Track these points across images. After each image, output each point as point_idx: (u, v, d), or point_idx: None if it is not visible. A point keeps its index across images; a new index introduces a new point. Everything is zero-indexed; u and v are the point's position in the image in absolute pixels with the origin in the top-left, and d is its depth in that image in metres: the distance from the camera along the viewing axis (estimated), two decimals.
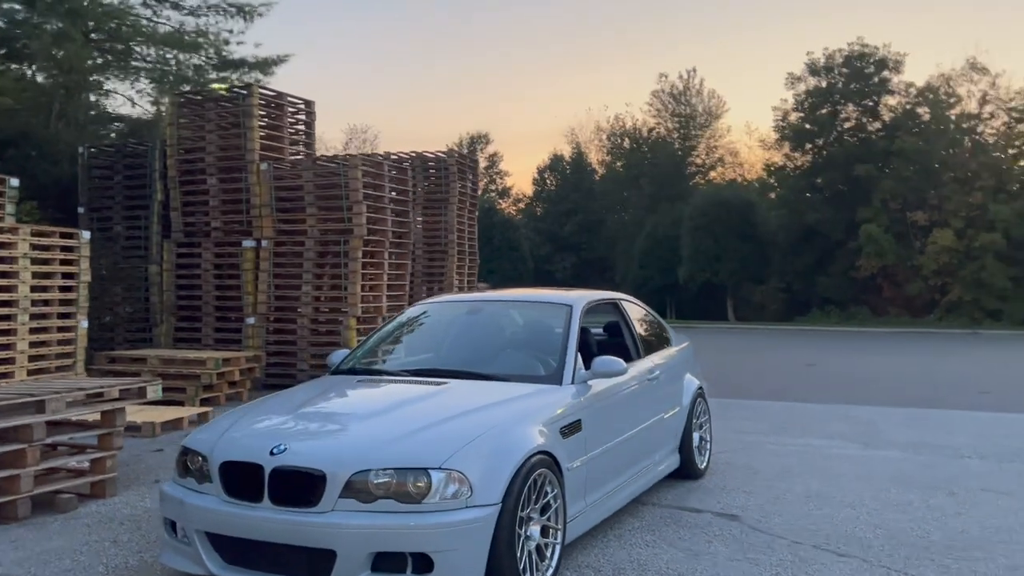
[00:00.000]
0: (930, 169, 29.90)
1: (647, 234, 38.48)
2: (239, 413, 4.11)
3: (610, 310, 5.61)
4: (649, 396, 5.25)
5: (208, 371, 9.48)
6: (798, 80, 34.13)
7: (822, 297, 32.40)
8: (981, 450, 7.14)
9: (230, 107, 11.47)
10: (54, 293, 9.10)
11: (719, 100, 45.28)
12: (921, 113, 31.76)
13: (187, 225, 11.69)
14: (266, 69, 19.63)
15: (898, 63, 32.43)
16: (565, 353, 4.48)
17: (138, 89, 18.91)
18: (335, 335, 10.91)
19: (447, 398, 4.04)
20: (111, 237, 12.13)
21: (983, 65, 31.11)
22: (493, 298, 5.65)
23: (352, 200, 10.74)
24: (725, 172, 44.99)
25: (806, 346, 20.69)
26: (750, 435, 7.85)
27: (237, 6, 19.40)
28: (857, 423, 8.57)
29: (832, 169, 32.80)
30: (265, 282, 11.13)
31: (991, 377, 13.62)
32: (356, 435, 3.61)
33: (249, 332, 11.12)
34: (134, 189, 12.22)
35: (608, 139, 47.71)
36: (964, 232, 28.63)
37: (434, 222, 14.62)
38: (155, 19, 18.94)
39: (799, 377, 13.74)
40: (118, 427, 5.72)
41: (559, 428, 3.99)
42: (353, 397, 4.33)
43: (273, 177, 11.09)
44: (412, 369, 4.66)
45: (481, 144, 52.32)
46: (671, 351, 5.99)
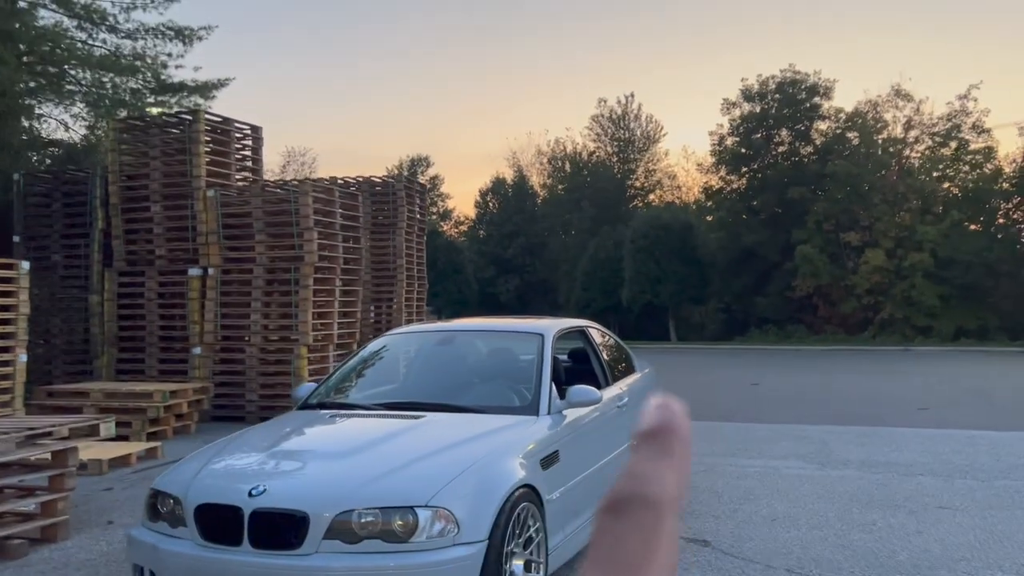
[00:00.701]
0: (861, 191, 30.89)
1: (589, 256, 38.84)
2: (210, 452, 3.99)
3: (577, 337, 5.62)
4: (618, 424, 5.26)
5: (155, 404, 9.20)
6: (733, 105, 35.00)
7: (760, 317, 33.09)
8: (931, 467, 7.35)
9: (175, 133, 11.23)
10: None
11: (657, 124, 46.16)
12: (851, 137, 32.85)
13: (130, 253, 11.36)
14: (206, 93, 19.30)
15: (828, 89, 33.53)
16: (540, 383, 4.47)
17: (73, 113, 18.39)
18: (285, 364, 10.71)
19: (426, 432, 3.99)
20: (48, 266, 11.72)
21: (907, 92, 32.39)
22: (463, 328, 5.62)
23: (303, 226, 10.59)
24: (664, 195, 45.78)
25: (748, 365, 21.07)
26: (708, 457, 7.93)
27: (176, 29, 19.05)
28: (809, 443, 8.74)
29: (768, 192, 33.65)
30: (212, 311, 10.87)
31: (927, 393, 14.07)
32: (337, 473, 3.53)
33: (196, 363, 10.84)
34: (73, 217, 11.84)
35: (549, 162, 48.16)
36: (894, 252, 29.61)
37: (382, 247, 14.51)
38: (90, 42, 18.48)
39: (745, 397, 13.97)
40: (70, 467, 5.50)
41: (539, 460, 3.98)
42: (329, 433, 4.24)
43: (220, 204, 10.88)
44: (386, 402, 4.59)
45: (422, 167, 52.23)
46: (636, 377, 6.03)
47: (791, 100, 33.58)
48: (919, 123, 32.47)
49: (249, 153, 12.07)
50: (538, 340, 4.83)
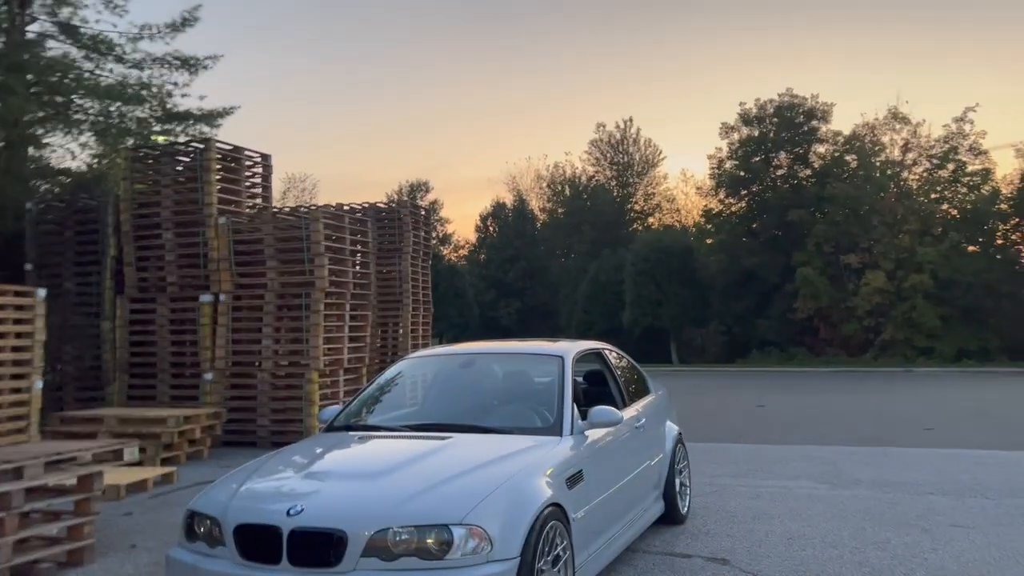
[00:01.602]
0: (860, 213, 31.13)
1: (590, 279, 39.02)
2: (244, 474, 4.07)
3: (593, 359, 5.73)
4: (637, 444, 5.36)
5: (169, 429, 9.27)
6: (732, 129, 35.34)
7: (762, 339, 33.19)
8: (941, 486, 7.42)
9: (187, 161, 11.39)
10: (7, 354, 8.83)
11: (655, 148, 46.60)
12: (849, 160, 33.15)
13: (141, 280, 11.48)
14: (212, 121, 19.41)
15: (826, 113, 33.89)
16: (562, 404, 4.57)
17: (80, 142, 18.55)
18: (296, 389, 10.79)
19: (455, 453, 4.08)
20: (60, 294, 11.82)
21: (904, 115, 32.77)
22: (483, 350, 5.71)
23: (313, 252, 10.72)
24: (663, 218, 46.08)
25: (751, 387, 21.14)
26: (719, 478, 8.01)
27: (182, 59, 19.24)
28: (819, 463, 8.82)
29: (767, 214, 33.91)
30: (223, 337, 10.97)
31: (931, 413, 14.15)
32: (373, 493, 3.62)
33: (207, 388, 10.91)
34: (85, 244, 11.97)
35: (549, 187, 48.51)
36: (894, 274, 29.79)
37: (388, 272, 14.63)
38: (98, 72, 18.69)
39: (752, 419, 14.04)
40: (95, 491, 5.57)
41: (564, 479, 4.07)
42: (360, 454, 4.33)
43: (231, 231, 11.01)
44: (412, 424, 4.69)
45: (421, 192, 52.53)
46: (651, 398, 6.13)
47: (789, 124, 33.93)
48: (916, 145, 32.82)
49: (259, 180, 12.23)
50: (558, 362, 4.93)
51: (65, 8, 18.16)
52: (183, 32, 19.29)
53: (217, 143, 11.48)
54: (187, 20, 19.26)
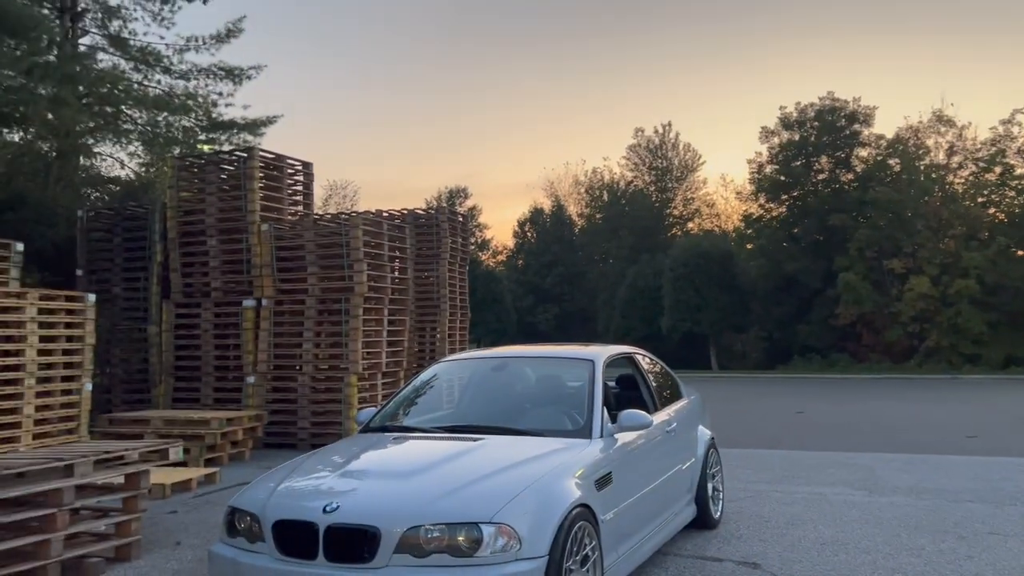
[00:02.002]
0: (903, 218, 30.62)
1: (628, 285, 38.89)
2: (282, 472, 4.22)
3: (625, 363, 5.79)
4: (667, 448, 5.40)
5: (212, 431, 9.51)
6: (772, 134, 35.00)
7: (803, 345, 32.79)
8: (980, 494, 7.34)
9: (231, 169, 11.68)
10: (58, 356, 9.14)
11: (694, 153, 46.33)
12: (892, 164, 32.63)
13: (187, 286, 11.79)
14: (255, 130, 19.93)
15: (868, 116, 33.41)
16: (592, 407, 4.65)
17: (129, 151, 19.10)
18: (335, 392, 10.99)
19: (486, 453, 4.18)
20: (109, 299, 12.18)
21: (949, 117, 32.17)
22: (515, 354, 5.81)
23: (353, 258, 10.92)
24: (702, 223, 45.76)
25: (791, 394, 20.92)
26: (755, 484, 8.00)
27: (226, 70, 19.77)
28: (856, 470, 8.75)
29: (808, 219, 33.50)
30: (265, 341, 11.21)
31: (975, 421, 13.90)
32: (406, 491, 3.73)
33: (249, 391, 11.17)
34: (133, 251, 12.32)
35: (587, 192, 48.47)
36: (939, 279, 29.23)
37: (425, 277, 14.81)
38: (146, 82, 19.25)
39: (790, 425, 13.93)
40: (142, 489, 5.77)
41: (593, 481, 4.14)
42: (395, 454, 4.46)
43: (274, 237, 11.26)
44: (445, 425, 4.80)
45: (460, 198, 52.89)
46: (684, 403, 6.16)
47: (830, 127, 33.51)
48: (962, 148, 32.19)
49: (300, 188, 12.48)
50: (589, 366, 5.01)
51: (115, 21, 18.79)
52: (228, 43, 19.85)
53: (260, 152, 11.75)
54: (232, 32, 19.79)
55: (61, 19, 17.23)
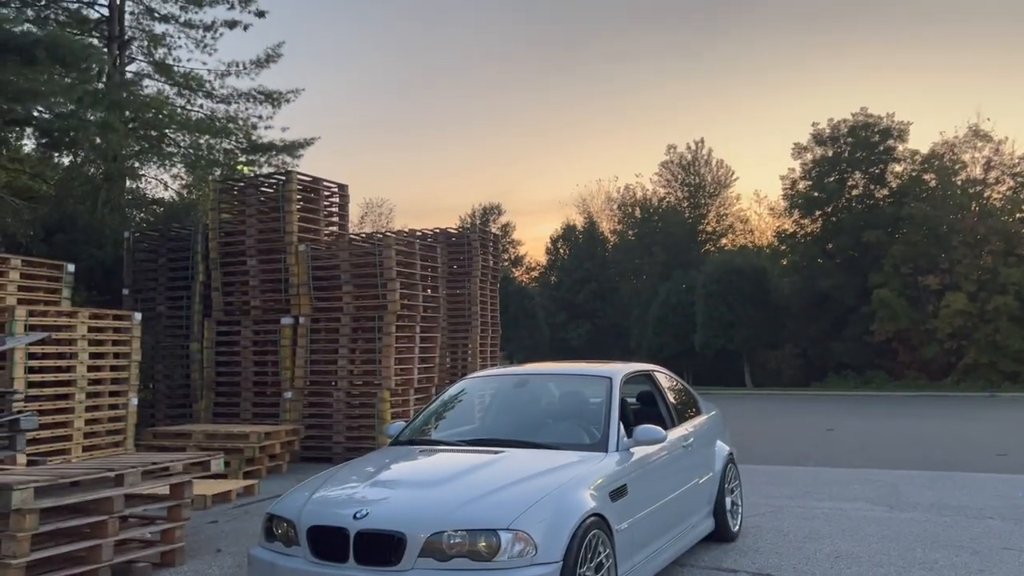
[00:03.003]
0: (939, 233, 30.38)
1: (661, 301, 38.94)
2: (316, 482, 4.51)
3: (644, 380, 6.01)
4: (684, 462, 5.61)
5: (251, 444, 9.86)
6: (805, 150, 34.98)
7: (838, 362, 32.57)
8: (1002, 511, 7.41)
9: (269, 192, 12.12)
10: (106, 372, 9.60)
11: (727, 169, 46.37)
12: (927, 179, 32.41)
13: (227, 304, 12.22)
14: (293, 152, 20.50)
15: (902, 132, 33.26)
16: (608, 422, 4.89)
17: (172, 174, 19.74)
18: (369, 407, 11.31)
19: (506, 465, 4.43)
20: (153, 317, 12.66)
21: (986, 132, 31.91)
22: (536, 371, 6.07)
23: (386, 277, 11.27)
24: (736, 239, 45.69)
25: (824, 411, 20.86)
26: (776, 499, 8.13)
27: (266, 93, 20.38)
28: (880, 486, 8.83)
29: (842, 235, 33.35)
30: (302, 357, 11.59)
31: (1009, 439, 13.82)
32: (430, 500, 4.00)
33: (287, 406, 11.54)
34: (176, 271, 12.80)
35: (619, 209, 48.68)
36: (977, 295, 28.92)
37: (457, 294, 15.12)
38: (189, 107, 19.93)
39: (819, 442, 13.97)
40: (186, 499, 6.11)
41: (608, 492, 4.37)
42: (420, 465, 4.74)
43: (310, 257, 11.66)
44: (468, 439, 5.07)
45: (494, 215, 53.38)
46: (702, 419, 6.36)
47: (864, 143, 33.40)
48: (999, 163, 31.88)
49: (336, 209, 12.88)
50: (606, 383, 5.24)
51: (160, 48, 19.50)
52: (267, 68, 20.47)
53: (298, 175, 12.18)
54: (271, 56, 20.43)
55: (109, 47, 17.95)
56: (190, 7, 19.54)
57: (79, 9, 18.46)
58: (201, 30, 19.86)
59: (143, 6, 19.27)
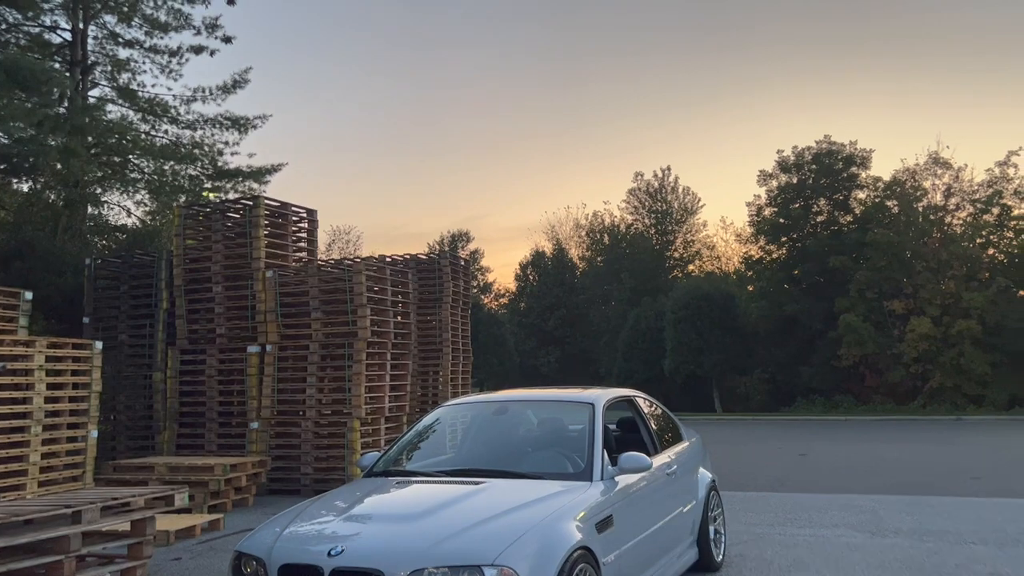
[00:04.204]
0: (903, 259, 30.77)
1: (630, 327, 38.94)
2: (287, 517, 4.29)
3: (625, 406, 5.87)
4: (668, 491, 5.46)
5: (216, 477, 9.54)
6: (770, 177, 35.33)
7: (806, 386, 32.70)
8: (983, 536, 7.35)
9: (236, 217, 11.87)
10: (65, 404, 9.24)
11: (694, 196, 46.73)
12: (890, 206, 32.87)
13: (192, 332, 11.90)
14: (260, 178, 20.24)
15: (865, 159, 33.76)
16: (592, 450, 4.73)
17: (136, 200, 19.38)
18: (339, 437, 11.03)
19: (488, 497, 4.25)
20: (115, 346, 12.30)
21: (945, 159, 32.50)
22: (515, 398, 5.90)
23: (356, 304, 11.06)
24: (703, 265, 45.98)
25: (795, 436, 20.85)
26: (757, 527, 8.01)
27: (232, 119, 20.14)
28: (859, 512, 8.75)
29: (808, 261, 33.65)
30: (269, 386, 11.30)
31: (980, 462, 13.87)
32: (409, 535, 3.80)
33: (253, 437, 11.22)
34: (139, 298, 12.47)
35: (588, 235, 48.81)
36: (940, 319, 29.28)
37: (428, 321, 14.91)
38: (153, 132, 19.62)
39: (794, 467, 13.90)
40: (148, 536, 5.83)
41: (594, 524, 4.20)
42: (397, 498, 4.53)
43: (278, 283, 11.41)
44: (447, 469, 4.87)
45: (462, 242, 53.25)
46: (684, 445, 6.23)
47: (828, 170, 33.84)
48: (959, 190, 32.44)
49: (304, 235, 12.66)
50: (589, 409, 5.09)
51: (124, 73, 19.21)
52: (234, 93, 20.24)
53: (265, 200, 11.95)
54: (238, 82, 20.21)
55: (72, 72, 17.63)
56: (155, 32, 19.31)
57: (41, 33, 18.13)
58: (166, 55, 19.63)
59: (107, 31, 19.01)
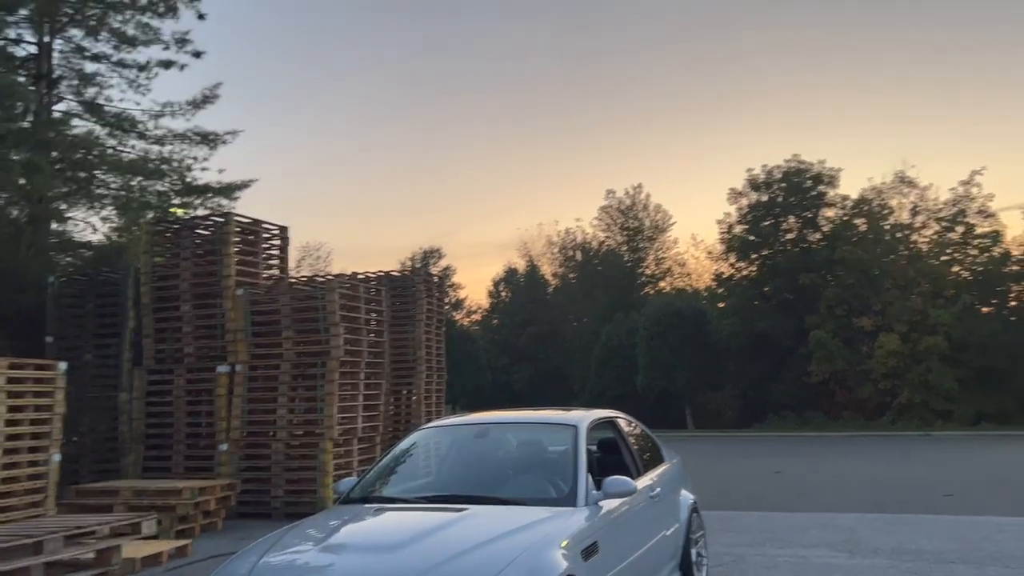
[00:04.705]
0: (871, 276, 31.15)
1: (603, 344, 38.97)
2: (261, 548, 4.12)
3: (607, 427, 5.77)
4: (652, 514, 5.36)
5: (184, 501, 9.28)
6: (740, 195, 35.68)
7: (777, 403, 32.90)
8: (962, 554, 7.33)
9: (206, 234, 11.64)
10: (26, 427, 8.94)
11: (665, 214, 47.03)
12: (858, 224, 33.32)
13: (159, 352, 11.62)
14: (230, 194, 19.89)
15: (833, 178, 34.21)
16: (576, 474, 4.62)
17: (102, 216, 18.98)
18: (310, 459, 10.80)
19: (470, 524, 4.12)
20: (79, 366, 11.95)
21: (911, 178, 33.04)
22: (495, 420, 5.77)
23: (329, 322, 10.87)
24: (674, 282, 46.22)
25: (768, 453, 20.90)
26: (736, 547, 7.94)
27: (202, 134, 19.81)
28: (837, 531, 8.72)
29: (778, 278, 33.96)
30: (239, 407, 11.04)
31: (951, 479, 13.95)
32: (389, 567, 3.65)
33: (222, 459, 10.95)
34: (105, 317, 12.17)
35: (560, 252, 48.88)
36: (908, 336, 29.64)
37: (402, 339, 14.72)
38: (120, 148, 19.24)
39: (769, 485, 13.89)
40: (113, 565, 5.61)
41: (580, 551, 4.09)
42: (376, 527, 4.37)
43: (249, 302, 11.19)
44: (427, 495, 4.73)
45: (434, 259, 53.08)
46: (666, 467, 6.14)
47: (797, 189, 34.25)
48: (925, 208, 32.96)
49: (276, 252, 12.45)
50: (572, 431, 4.99)
51: (91, 88, 18.84)
52: (204, 109, 19.93)
53: (236, 216, 11.74)
54: (208, 97, 19.91)
55: (37, 86, 17.27)
56: (123, 46, 18.97)
57: (5, 46, 17.73)
58: (135, 70, 19.26)
59: (73, 44, 18.64)
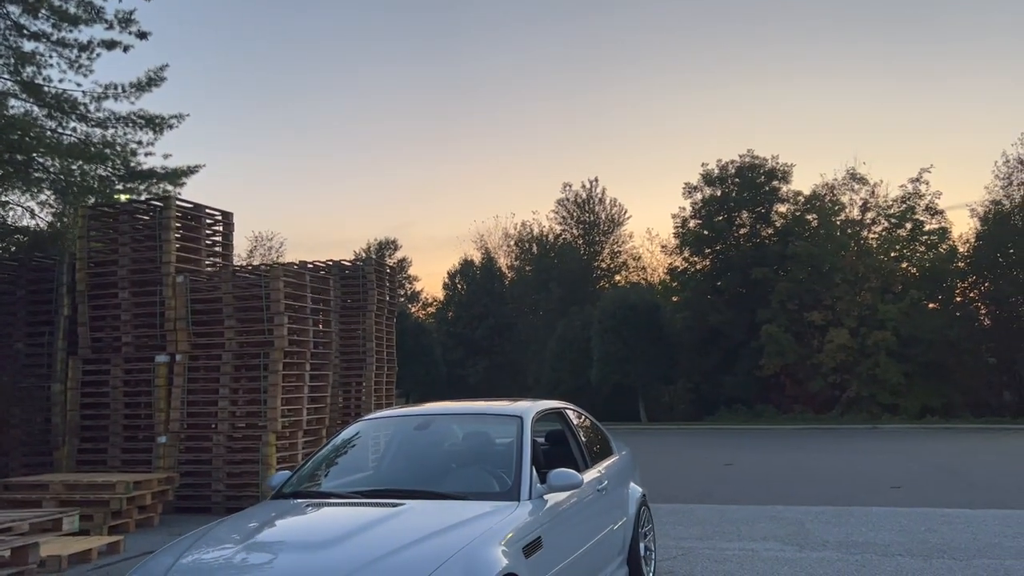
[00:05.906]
0: (822, 271, 31.56)
1: (558, 337, 38.94)
2: (181, 546, 3.86)
3: (554, 419, 5.61)
4: (599, 508, 5.21)
5: (118, 496, 8.90)
6: (695, 189, 35.87)
7: (729, 396, 33.20)
8: (909, 547, 7.33)
9: (145, 219, 11.21)
10: None
11: (620, 208, 47.12)
12: (810, 219, 33.72)
13: (95, 341, 11.17)
14: (176, 180, 19.33)
15: (786, 173, 34.57)
16: (520, 467, 4.43)
17: (40, 201, 18.29)
18: (253, 452, 10.49)
19: (407, 520, 3.91)
20: (10, 355, 11.47)
21: (862, 175, 33.53)
22: (439, 411, 5.56)
23: (273, 311, 10.54)
24: (629, 276, 46.37)
25: (719, 445, 21.03)
26: (685, 541, 7.85)
27: (147, 118, 19.18)
28: (786, 524, 8.69)
29: (731, 272, 34.24)
30: (179, 398, 10.67)
31: (898, 471, 14.13)
32: (319, 565, 3.43)
33: (161, 452, 10.57)
34: (38, 304, 11.67)
35: (516, 245, 48.70)
36: (857, 331, 30.09)
37: (351, 330, 14.43)
38: (60, 130, 18.54)
39: (719, 477, 13.91)
40: (30, 564, 5.29)
41: (522, 547, 3.91)
42: (306, 523, 4.14)
43: (190, 289, 10.80)
44: (364, 490, 4.50)
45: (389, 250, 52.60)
46: (614, 459, 6.00)
47: (750, 184, 34.54)
48: (875, 205, 33.50)
49: (219, 239, 12.05)
50: (517, 423, 4.80)
51: (29, 67, 18.11)
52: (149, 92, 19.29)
53: (177, 201, 11.33)
54: (153, 80, 19.28)
55: None
56: (64, 25, 18.25)
57: None
58: (76, 50, 18.56)
59: (10, 22, 17.90)
